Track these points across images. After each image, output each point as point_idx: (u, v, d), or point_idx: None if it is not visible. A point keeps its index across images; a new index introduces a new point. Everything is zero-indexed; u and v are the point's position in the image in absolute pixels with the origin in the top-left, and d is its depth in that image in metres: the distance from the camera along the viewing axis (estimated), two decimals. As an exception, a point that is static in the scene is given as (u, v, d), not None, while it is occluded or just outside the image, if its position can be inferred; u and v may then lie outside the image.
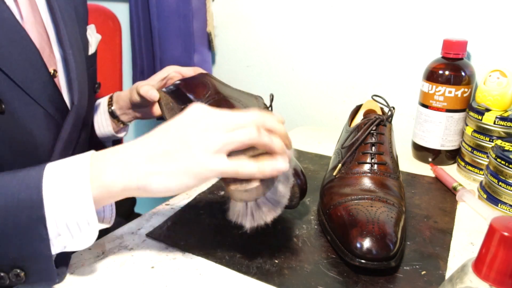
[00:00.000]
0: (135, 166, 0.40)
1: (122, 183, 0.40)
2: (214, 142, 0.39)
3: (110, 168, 0.40)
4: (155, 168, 0.40)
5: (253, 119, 0.41)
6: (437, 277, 0.46)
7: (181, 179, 0.40)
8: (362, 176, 0.55)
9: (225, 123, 0.40)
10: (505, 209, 0.60)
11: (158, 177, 0.40)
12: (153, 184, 0.40)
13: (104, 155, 0.42)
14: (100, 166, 0.41)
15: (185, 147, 0.40)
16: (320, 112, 0.99)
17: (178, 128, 0.41)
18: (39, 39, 0.53)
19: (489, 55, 0.77)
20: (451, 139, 0.74)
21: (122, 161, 0.41)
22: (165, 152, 0.40)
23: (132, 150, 0.42)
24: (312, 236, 0.53)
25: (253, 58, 1.05)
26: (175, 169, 0.40)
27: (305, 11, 0.94)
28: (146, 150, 0.41)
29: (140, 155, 0.41)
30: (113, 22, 1.02)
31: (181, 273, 0.46)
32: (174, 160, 0.40)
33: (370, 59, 0.89)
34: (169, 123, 0.42)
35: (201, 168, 0.39)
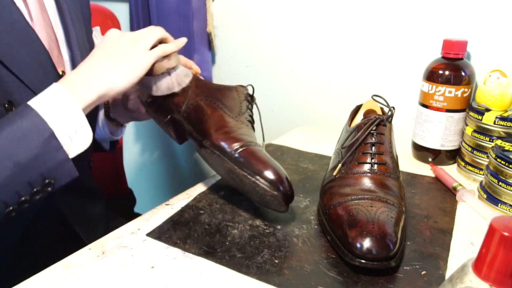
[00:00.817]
0: (97, 75, 0.51)
1: (96, 92, 0.50)
2: (143, 43, 0.55)
3: (84, 84, 0.50)
4: (112, 72, 0.52)
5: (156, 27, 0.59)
6: (437, 277, 0.46)
7: (134, 73, 0.53)
8: (362, 176, 0.55)
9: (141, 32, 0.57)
10: (505, 209, 0.60)
11: (117, 76, 0.52)
12: (117, 84, 0.52)
13: (71, 79, 0.50)
14: (75, 86, 0.49)
15: (127, 53, 0.54)
16: (320, 112, 0.99)
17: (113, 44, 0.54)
18: (48, 40, 0.54)
19: (489, 55, 0.77)
20: (451, 139, 0.74)
21: (88, 77, 0.51)
22: (113, 59, 0.53)
23: (89, 67, 0.52)
24: (312, 236, 0.53)
25: (253, 58, 1.05)
26: (126, 66, 0.53)
27: (305, 11, 0.94)
28: (99, 63, 0.52)
29: (97, 67, 0.52)
30: (112, 22, 1.02)
31: (181, 273, 0.46)
32: (122, 62, 0.53)
33: (370, 59, 0.89)
34: (101, 44, 0.55)
35: (144, 61, 0.54)
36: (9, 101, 0.48)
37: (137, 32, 0.57)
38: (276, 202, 0.52)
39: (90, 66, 0.52)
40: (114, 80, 0.52)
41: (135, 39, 0.55)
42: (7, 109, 0.48)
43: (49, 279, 0.45)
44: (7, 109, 0.48)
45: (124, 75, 0.52)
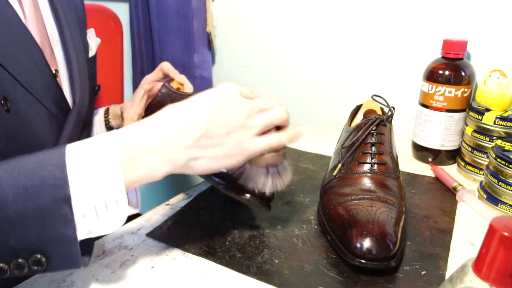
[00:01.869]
0: (178, 152, 0.39)
1: (166, 169, 0.39)
2: (255, 127, 0.42)
3: (154, 156, 0.39)
4: (199, 154, 0.40)
5: (276, 100, 0.45)
6: (437, 277, 0.46)
7: (223, 162, 0.42)
8: (362, 176, 0.55)
9: (259, 107, 0.43)
10: (505, 209, 0.60)
11: (202, 161, 0.41)
12: (196, 168, 0.41)
13: (136, 135, 0.39)
14: (138, 154, 0.38)
15: (229, 132, 0.41)
16: (320, 112, 0.99)
17: (219, 111, 0.41)
18: (40, 39, 0.54)
19: (489, 55, 0.77)
20: (451, 139, 0.74)
21: (161, 146, 0.39)
22: (208, 136, 0.40)
23: (171, 132, 0.39)
24: (312, 236, 0.53)
25: (253, 58, 1.05)
26: (219, 154, 0.41)
27: (305, 11, 0.94)
28: (188, 133, 0.39)
29: (182, 139, 0.39)
30: (114, 22, 1.02)
31: (181, 273, 0.46)
32: (217, 146, 0.40)
33: (370, 59, 0.89)
34: (205, 98, 0.41)
35: (243, 151, 0.42)
36: (4, 97, 0.47)
37: (260, 101, 0.44)
38: (254, 206, 0.52)
39: (177, 127, 0.40)
40: (195, 162, 0.40)
41: (253, 113, 0.42)
42: (3, 105, 0.47)
43: (49, 279, 0.45)
44: (2, 105, 0.47)
45: (211, 161, 0.41)
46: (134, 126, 0.41)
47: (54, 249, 0.36)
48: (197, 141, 0.40)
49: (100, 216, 0.37)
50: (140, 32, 1.07)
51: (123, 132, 0.40)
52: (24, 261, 0.35)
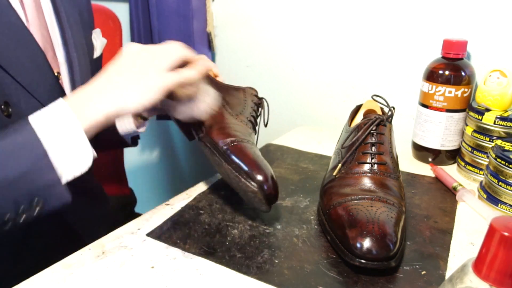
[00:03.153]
0: (108, 94, 0.47)
1: (103, 111, 0.46)
2: (162, 63, 0.50)
3: (90, 103, 0.46)
4: (124, 91, 0.47)
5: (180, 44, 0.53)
6: (437, 277, 0.46)
7: (148, 95, 0.48)
8: (362, 176, 0.55)
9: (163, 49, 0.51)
10: (505, 209, 0.60)
11: (130, 98, 0.47)
12: (128, 104, 0.47)
13: (77, 97, 0.47)
14: (80, 105, 0.46)
15: (142, 72, 0.49)
16: (320, 112, 0.99)
17: (128, 61, 0.50)
18: (42, 41, 0.54)
19: (489, 55, 0.77)
20: (451, 139, 0.74)
21: (95, 95, 0.47)
22: (128, 77, 0.48)
23: (99, 86, 0.48)
24: (312, 236, 0.53)
25: (253, 58, 1.05)
26: (141, 89, 0.48)
27: (305, 11, 0.94)
28: (112, 81, 0.48)
29: (108, 86, 0.48)
30: (113, 22, 1.02)
31: (181, 273, 0.46)
32: (137, 82, 0.48)
33: (370, 59, 0.89)
34: (117, 60, 0.50)
35: (161, 82, 0.48)
36: (5, 102, 0.48)
37: (157, 49, 0.52)
38: (257, 200, 0.52)
39: (100, 83, 0.49)
40: (125, 100, 0.48)
41: (154, 56, 0.50)
42: (3, 110, 0.48)
43: (49, 279, 0.45)
44: (3, 110, 0.48)
45: (137, 97, 0.48)
46: (77, 91, 0.49)
47: (47, 193, 0.44)
48: (118, 85, 0.48)
49: (69, 160, 0.45)
50: (140, 32, 1.07)
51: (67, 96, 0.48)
52: (27, 206, 0.43)
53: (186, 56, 0.53)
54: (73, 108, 0.46)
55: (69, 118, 0.45)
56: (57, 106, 0.46)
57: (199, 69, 0.53)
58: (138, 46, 0.52)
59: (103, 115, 0.47)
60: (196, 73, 0.52)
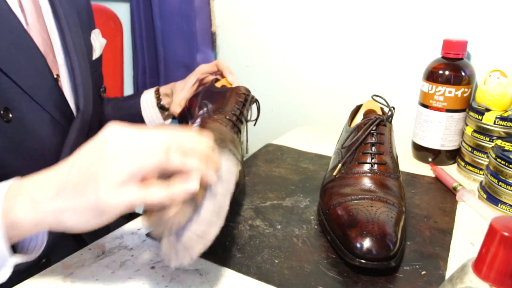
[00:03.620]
0: (43, 202, 0.37)
1: (32, 220, 0.37)
2: (120, 173, 0.35)
3: (20, 204, 0.37)
4: (62, 204, 0.36)
5: (163, 141, 0.37)
6: (437, 277, 0.46)
7: (90, 216, 0.36)
8: (362, 176, 0.55)
9: (132, 149, 0.36)
10: (505, 209, 0.60)
11: (67, 215, 0.37)
12: (65, 221, 0.37)
13: (18, 188, 0.38)
14: (11, 201, 0.38)
15: (91, 180, 0.36)
16: (320, 112, 0.99)
17: (87, 157, 0.37)
18: (43, 45, 0.54)
19: (489, 55, 0.77)
20: (451, 139, 0.74)
21: (31, 196, 0.37)
22: (72, 185, 0.36)
23: (41, 183, 0.38)
24: (312, 236, 0.53)
25: (253, 58, 1.05)
26: (82, 205, 0.36)
27: (305, 11, 0.94)
28: (54, 183, 0.37)
29: (48, 189, 0.37)
30: (114, 22, 1.02)
31: (181, 273, 0.46)
32: (80, 195, 0.36)
33: (370, 59, 0.89)
34: (82, 149, 0.38)
35: (107, 205, 0.35)
36: (5, 107, 0.47)
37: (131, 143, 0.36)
38: None
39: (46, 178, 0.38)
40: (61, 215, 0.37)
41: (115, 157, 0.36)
42: (3, 116, 0.47)
43: (49, 279, 0.45)
44: (2, 116, 0.47)
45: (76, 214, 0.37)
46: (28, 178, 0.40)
47: None
48: (60, 191, 0.37)
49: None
50: (142, 32, 1.07)
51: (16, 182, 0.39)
52: None
53: (168, 166, 0.36)
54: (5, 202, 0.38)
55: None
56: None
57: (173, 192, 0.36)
58: (114, 133, 0.37)
59: (31, 224, 0.37)
60: (164, 196, 0.36)
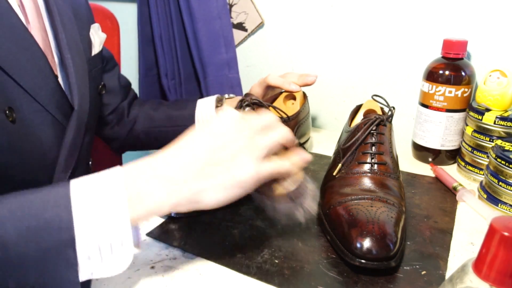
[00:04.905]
0: (183, 183, 0.38)
1: (170, 203, 0.38)
2: (260, 149, 0.40)
3: (155, 187, 0.37)
4: (205, 184, 0.38)
5: (276, 119, 0.43)
6: (437, 277, 0.46)
7: (232, 191, 0.39)
8: (362, 176, 0.55)
9: (261, 126, 0.41)
10: (505, 209, 0.60)
11: (209, 192, 0.38)
12: (204, 200, 0.38)
13: (141, 171, 0.38)
14: (141, 186, 0.37)
15: (233, 157, 0.39)
16: (320, 112, 0.99)
17: (220, 136, 0.40)
18: (43, 44, 0.53)
19: (489, 55, 0.77)
20: (451, 139, 0.74)
21: (166, 179, 0.38)
22: (212, 164, 0.38)
23: (175, 165, 0.38)
24: (312, 236, 0.53)
25: (253, 58, 1.05)
26: (226, 181, 0.38)
27: (306, 11, 0.94)
28: (191, 163, 0.38)
29: (185, 170, 0.38)
30: (111, 21, 1.02)
31: (181, 273, 0.46)
32: (223, 172, 0.38)
33: (370, 59, 0.89)
34: (206, 130, 0.41)
35: (251, 177, 0.39)
36: (9, 107, 0.47)
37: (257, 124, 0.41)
38: None
39: (179, 159, 0.39)
40: (201, 193, 0.38)
41: (253, 135, 0.40)
42: (8, 116, 0.47)
43: (49, 279, 0.45)
44: (7, 116, 0.47)
45: (218, 190, 0.39)
46: (140, 162, 0.40)
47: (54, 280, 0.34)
48: (201, 171, 0.38)
49: (104, 258, 0.36)
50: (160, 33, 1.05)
51: (128, 168, 0.39)
52: None
53: (287, 140, 0.43)
54: (132, 189, 0.37)
55: (118, 208, 0.36)
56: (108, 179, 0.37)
57: (296, 161, 0.43)
58: (237, 116, 0.41)
59: (168, 207, 0.38)
60: (292, 166, 0.43)
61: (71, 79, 0.56)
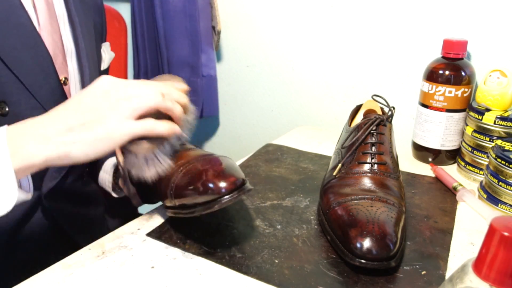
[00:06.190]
0: (54, 137, 0.42)
1: (43, 154, 0.42)
2: (125, 109, 0.44)
3: (31, 141, 0.42)
4: (73, 138, 0.42)
5: (158, 88, 0.47)
6: (437, 277, 0.46)
7: (98, 146, 0.43)
8: (362, 176, 0.55)
9: (133, 92, 0.45)
10: (505, 209, 0.60)
11: (77, 145, 0.42)
12: (73, 152, 0.42)
13: (22, 129, 0.43)
14: (19, 140, 0.42)
15: (100, 116, 0.43)
16: (320, 112, 0.99)
17: (91, 99, 0.44)
18: (53, 47, 0.55)
19: (489, 55, 0.77)
20: (451, 139, 0.74)
21: (41, 133, 0.42)
22: (82, 121, 0.43)
23: (49, 122, 0.43)
24: (312, 236, 0.53)
25: (253, 58, 1.05)
26: (92, 137, 0.43)
27: (306, 11, 0.94)
28: (63, 121, 0.43)
29: (58, 126, 0.43)
30: (118, 22, 1.02)
31: (181, 273, 0.46)
32: (90, 129, 0.43)
33: (370, 59, 0.89)
34: (82, 93, 0.45)
35: (116, 133, 0.43)
36: (2, 101, 0.48)
37: (132, 89, 0.46)
38: None
39: (53, 119, 0.43)
40: (71, 148, 0.42)
41: (123, 97, 0.45)
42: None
43: (49, 279, 0.45)
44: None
45: (86, 146, 0.43)
46: (24, 121, 0.44)
47: None
48: (69, 127, 0.42)
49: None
50: (143, 32, 1.07)
51: (12, 127, 0.43)
52: None
53: (162, 106, 0.47)
54: (10, 142, 0.41)
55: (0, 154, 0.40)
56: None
57: (167, 128, 0.47)
58: (111, 81, 0.46)
59: (42, 158, 0.42)
60: (166, 128, 0.47)
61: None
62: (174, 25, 1.01)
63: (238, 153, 1.12)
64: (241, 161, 0.77)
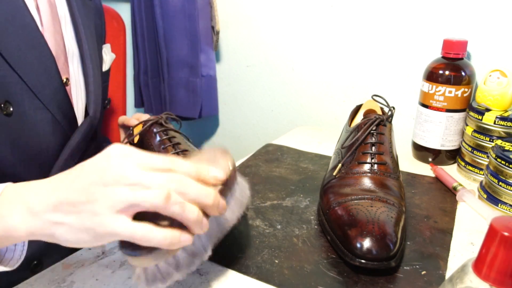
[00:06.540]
0: (40, 213, 0.36)
1: (26, 228, 0.37)
2: (118, 201, 0.34)
3: (16, 211, 0.37)
4: (58, 218, 0.36)
5: (166, 183, 0.35)
6: (437, 277, 0.46)
7: (80, 236, 0.36)
8: (362, 176, 0.55)
9: (137, 179, 0.35)
10: (505, 209, 0.60)
11: (61, 228, 0.36)
12: (57, 235, 0.36)
13: (14, 194, 0.38)
14: (6, 208, 0.37)
15: (90, 200, 0.35)
16: (320, 112, 0.99)
17: (88, 175, 0.36)
18: (55, 48, 0.55)
19: (489, 55, 0.77)
20: (451, 139, 0.74)
21: (27, 205, 0.37)
22: (71, 202, 0.36)
23: (39, 192, 0.37)
24: (312, 236, 0.53)
25: (253, 58, 1.05)
26: (77, 223, 0.35)
27: (306, 11, 0.94)
28: (53, 196, 0.36)
29: (46, 200, 0.37)
30: (117, 22, 1.02)
31: (181, 273, 0.46)
32: (77, 213, 0.35)
33: (370, 59, 0.89)
34: (85, 165, 0.37)
35: (101, 228, 0.35)
36: (6, 101, 0.48)
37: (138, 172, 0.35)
38: None
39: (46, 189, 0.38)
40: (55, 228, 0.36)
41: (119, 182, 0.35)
42: (3, 109, 0.48)
43: (49, 279, 0.45)
44: (2, 109, 0.48)
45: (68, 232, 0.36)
46: (21, 184, 0.39)
47: None
48: (59, 205, 0.36)
49: None
50: (143, 32, 1.07)
51: (11, 186, 0.39)
52: None
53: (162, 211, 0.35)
54: None
55: None
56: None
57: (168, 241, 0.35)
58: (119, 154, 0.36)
59: (24, 232, 0.37)
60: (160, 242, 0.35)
61: (90, 87, 0.60)
62: (174, 25, 1.01)
63: (238, 153, 1.12)
64: (241, 161, 0.77)
